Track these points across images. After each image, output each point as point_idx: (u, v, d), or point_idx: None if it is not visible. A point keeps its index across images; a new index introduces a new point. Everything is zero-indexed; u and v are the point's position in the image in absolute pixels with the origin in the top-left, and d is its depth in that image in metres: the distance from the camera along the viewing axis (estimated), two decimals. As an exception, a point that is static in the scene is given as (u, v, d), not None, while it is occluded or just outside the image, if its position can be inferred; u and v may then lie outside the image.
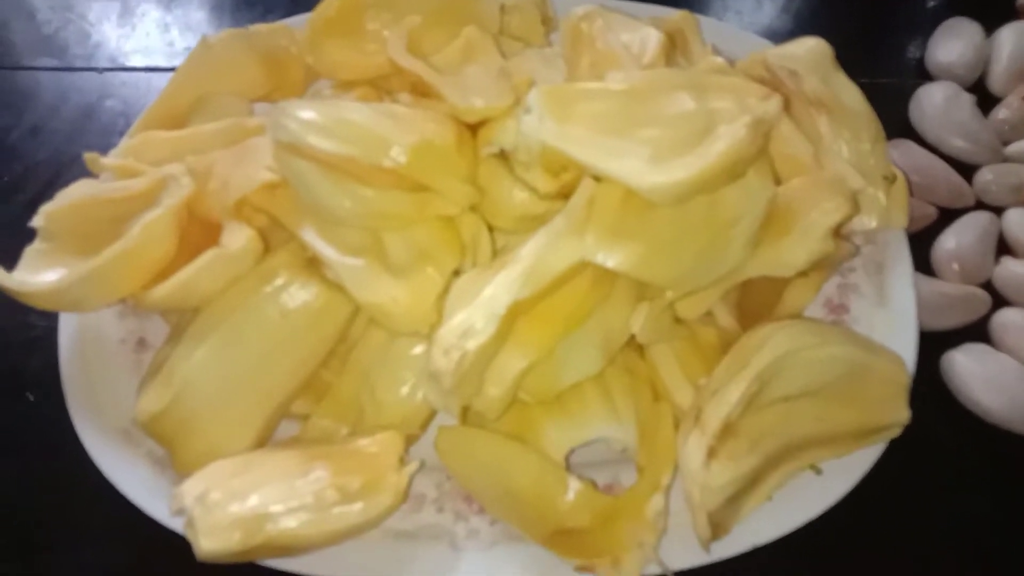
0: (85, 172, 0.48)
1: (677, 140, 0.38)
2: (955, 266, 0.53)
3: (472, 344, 0.37)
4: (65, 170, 0.61)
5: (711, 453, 0.38)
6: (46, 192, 0.59)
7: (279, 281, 0.42)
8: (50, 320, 0.49)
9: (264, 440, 0.43)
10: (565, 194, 0.41)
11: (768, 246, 0.41)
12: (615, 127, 0.39)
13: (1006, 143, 0.59)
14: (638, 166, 0.37)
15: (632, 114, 0.39)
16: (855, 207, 0.43)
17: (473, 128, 0.43)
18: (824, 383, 0.41)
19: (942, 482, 0.47)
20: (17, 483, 0.48)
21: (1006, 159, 0.58)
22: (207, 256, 0.41)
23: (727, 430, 0.38)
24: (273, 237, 0.44)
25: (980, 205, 0.57)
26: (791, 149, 0.47)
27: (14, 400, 0.51)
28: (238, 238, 0.41)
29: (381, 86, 0.51)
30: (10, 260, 0.43)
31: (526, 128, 0.39)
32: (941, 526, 0.46)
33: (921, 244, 0.54)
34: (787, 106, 0.47)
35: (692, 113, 0.39)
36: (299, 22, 0.55)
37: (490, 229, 0.44)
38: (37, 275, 0.43)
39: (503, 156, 0.43)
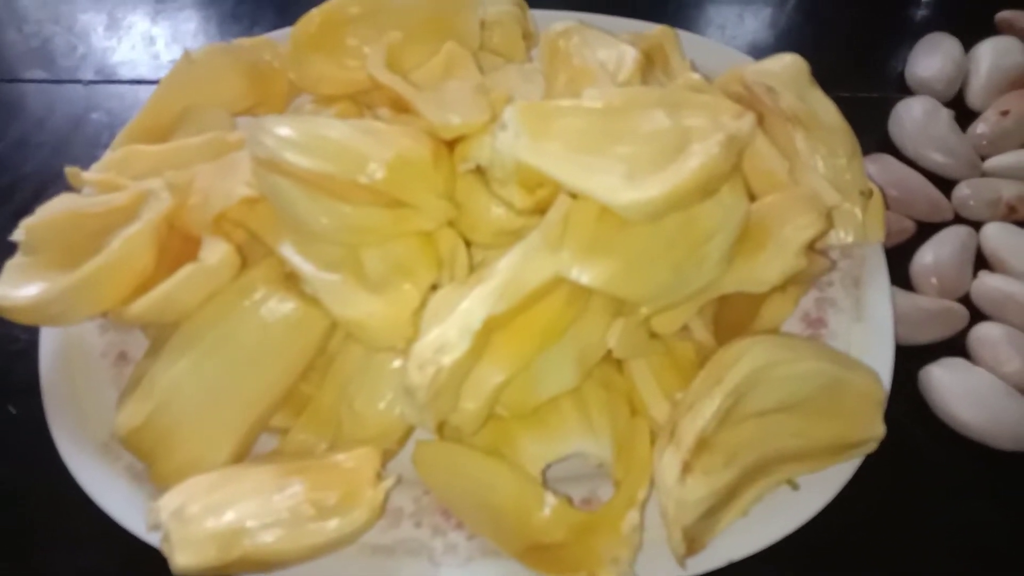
0: (71, 185, 0.48)
1: (651, 157, 0.38)
2: (933, 280, 0.54)
3: (447, 359, 0.37)
4: (51, 183, 0.61)
5: (686, 468, 0.38)
6: (32, 204, 0.58)
7: (257, 295, 0.42)
8: (33, 333, 0.49)
9: (243, 454, 0.44)
10: (541, 209, 0.42)
11: (742, 262, 0.41)
12: (590, 144, 0.39)
13: (984, 158, 0.59)
14: (613, 183, 0.38)
15: (607, 131, 0.39)
16: (829, 223, 0.44)
17: (450, 144, 0.43)
18: (800, 398, 0.41)
19: (920, 496, 0.47)
20: (0, 493, 0.48)
21: (984, 174, 0.59)
22: (185, 271, 0.41)
23: (702, 445, 0.39)
24: (252, 252, 0.44)
25: (958, 219, 0.57)
26: (766, 165, 0.47)
27: (-4, 412, 0.51)
28: (216, 253, 0.42)
29: (361, 101, 0.52)
30: (-4, 273, 0.43)
31: (501, 145, 0.39)
32: (919, 539, 0.46)
33: (900, 258, 0.55)
34: (762, 122, 0.47)
35: (666, 130, 0.39)
36: (282, 36, 0.56)
37: (467, 244, 0.44)
38: (17, 289, 0.43)
39: (480, 172, 0.43)
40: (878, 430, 0.42)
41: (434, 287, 0.42)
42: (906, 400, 0.49)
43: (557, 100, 0.41)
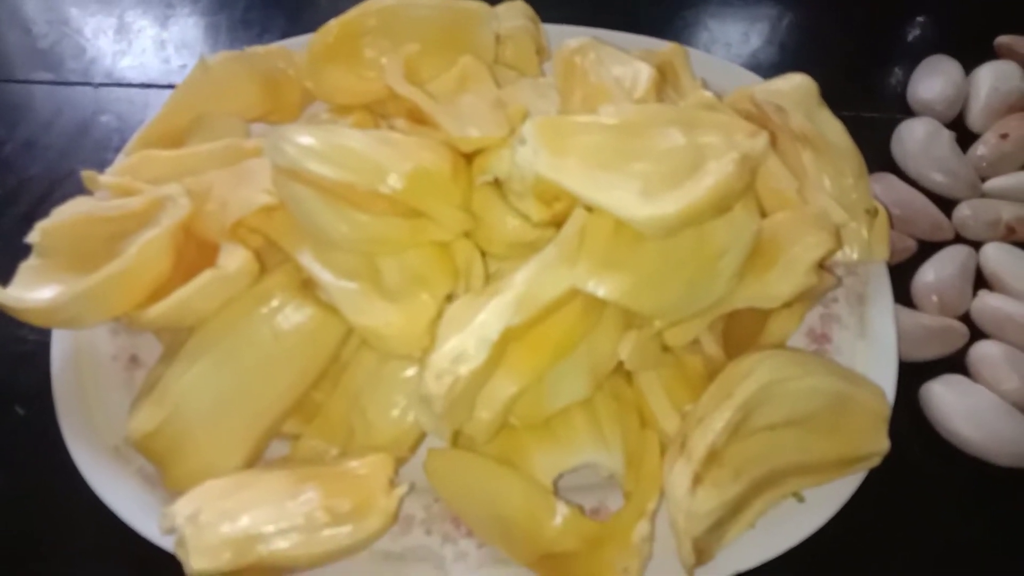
0: (79, 187, 0.48)
1: (667, 174, 0.39)
2: (934, 298, 0.55)
3: (464, 369, 0.38)
4: (59, 185, 0.61)
5: (696, 480, 0.39)
6: (40, 206, 0.60)
7: (274, 303, 0.42)
8: (42, 335, 0.49)
9: (255, 459, 0.44)
10: (557, 222, 0.42)
11: (753, 278, 0.42)
12: (607, 160, 0.40)
13: (984, 179, 0.60)
14: (629, 199, 0.38)
15: (624, 148, 0.40)
16: (838, 242, 0.45)
17: (468, 156, 0.44)
18: (807, 413, 0.42)
19: (919, 509, 0.48)
20: (6, 496, 0.49)
21: (984, 195, 0.60)
22: (204, 277, 0.41)
23: (712, 458, 0.39)
24: (269, 257, 0.45)
25: (959, 239, 0.58)
26: (776, 183, 0.48)
27: (3, 413, 0.51)
28: (235, 259, 0.42)
29: (377, 111, 0.52)
30: (3, 272, 0.43)
31: (521, 159, 0.40)
32: (918, 552, 0.47)
33: (901, 276, 0.56)
34: (773, 141, 0.48)
35: (682, 148, 0.40)
36: (296, 44, 0.56)
37: (483, 254, 0.45)
38: (32, 292, 0.43)
39: (497, 184, 0.44)
40: (882, 445, 0.43)
41: (450, 297, 0.43)
42: (906, 415, 0.50)
43: (574, 116, 0.42)
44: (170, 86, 0.67)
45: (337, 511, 0.39)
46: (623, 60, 0.48)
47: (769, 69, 0.65)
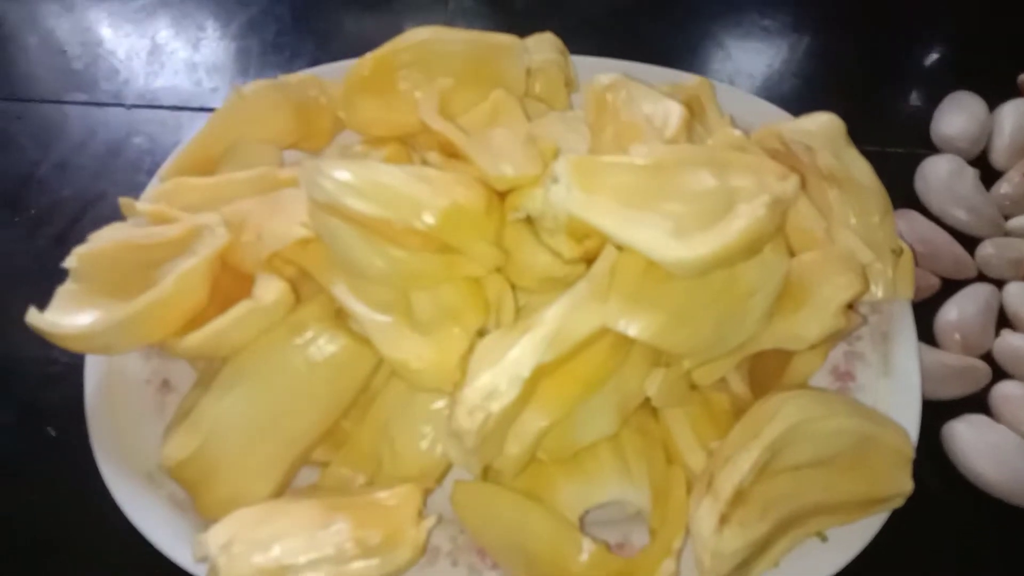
0: (112, 208, 0.49)
1: (698, 216, 0.40)
2: (957, 337, 0.55)
3: (496, 406, 0.38)
4: (92, 206, 0.62)
5: (723, 519, 0.39)
6: (73, 227, 0.61)
7: (308, 334, 0.43)
8: (73, 357, 0.49)
9: (285, 486, 0.44)
10: (588, 259, 0.43)
11: (782, 319, 0.42)
12: (639, 200, 0.40)
13: (1007, 217, 0.60)
14: (661, 239, 0.39)
15: (655, 188, 0.41)
16: (866, 283, 0.45)
17: (501, 192, 0.45)
18: (832, 453, 0.42)
19: (942, 550, 0.48)
20: (37, 516, 0.49)
21: (1007, 233, 0.60)
22: (241, 308, 0.42)
23: (739, 497, 0.40)
24: (303, 287, 0.45)
25: (981, 277, 0.58)
26: (804, 223, 0.48)
27: (34, 434, 0.52)
28: (271, 291, 0.42)
29: (410, 143, 0.53)
30: (36, 292, 0.44)
31: (554, 197, 0.41)
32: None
33: (924, 313, 0.56)
34: (802, 181, 0.49)
35: (713, 190, 0.41)
36: (327, 71, 0.57)
37: (512, 287, 0.45)
38: (69, 317, 0.44)
39: (529, 220, 0.44)
40: (906, 486, 0.43)
41: (481, 332, 0.43)
42: (929, 455, 0.50)
43: (606, 156, 0.42)
44: (202, 108, 0.68)
45: (367, 543, 0.40)
46: (654, 98, 0.48)
47: (793, 101, 0.65)
